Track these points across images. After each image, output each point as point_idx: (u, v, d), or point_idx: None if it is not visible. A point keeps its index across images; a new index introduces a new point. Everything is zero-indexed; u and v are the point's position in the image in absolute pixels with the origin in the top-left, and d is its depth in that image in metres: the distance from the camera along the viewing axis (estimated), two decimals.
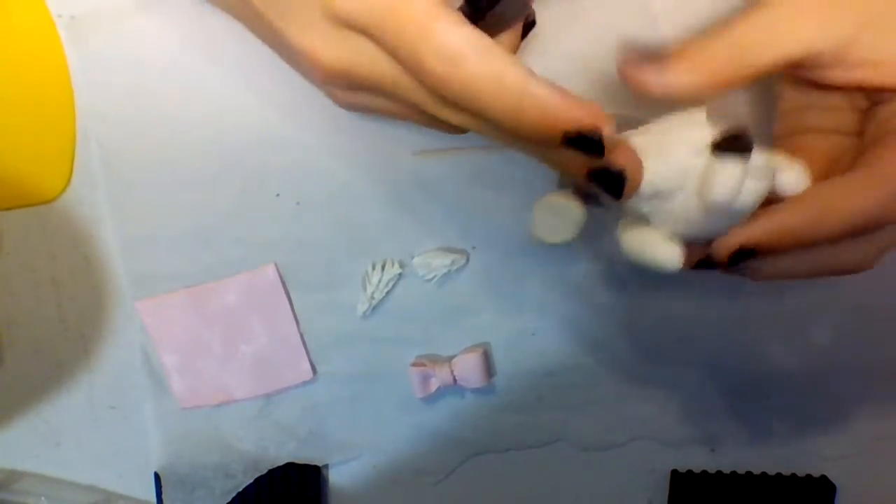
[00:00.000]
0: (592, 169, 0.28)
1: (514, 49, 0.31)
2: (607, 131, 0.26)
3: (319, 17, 0.28)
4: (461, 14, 0.27)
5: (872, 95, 0.31)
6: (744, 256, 0.29)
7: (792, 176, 0.30)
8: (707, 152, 0.28)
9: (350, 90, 0.31)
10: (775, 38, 0.29)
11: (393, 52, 0.27)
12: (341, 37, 0.28)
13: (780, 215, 0.29)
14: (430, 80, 0.26)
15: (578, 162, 0.28)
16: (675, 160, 0.28)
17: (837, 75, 0.30)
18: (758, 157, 0.28)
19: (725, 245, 0.30)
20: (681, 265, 0.30)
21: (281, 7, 0.30)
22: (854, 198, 0.28)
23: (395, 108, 0.31)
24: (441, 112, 0.29)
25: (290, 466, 0.45)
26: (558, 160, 0.28)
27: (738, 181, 0.27)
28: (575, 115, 0.26)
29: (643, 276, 0.42)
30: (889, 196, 0.28)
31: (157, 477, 0.46)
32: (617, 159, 0.28)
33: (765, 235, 0.29)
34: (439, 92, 0.27)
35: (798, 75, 0.31)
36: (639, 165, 0.28)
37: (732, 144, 0.27)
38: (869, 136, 0.31)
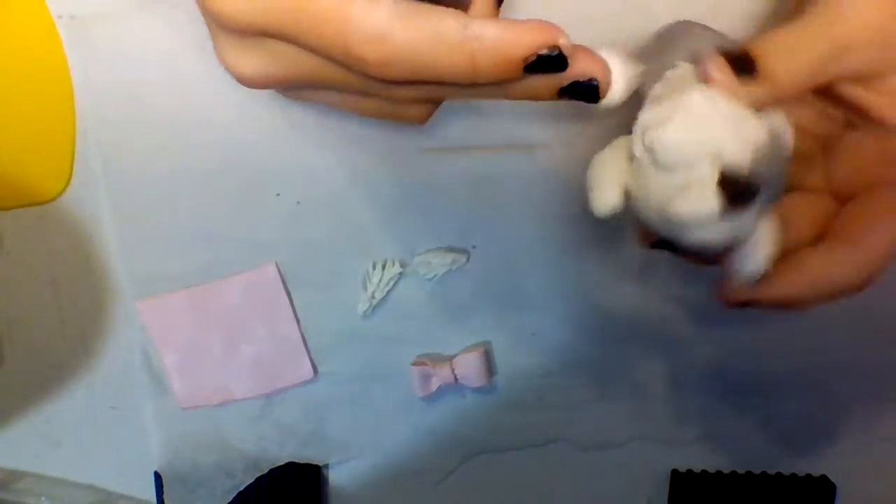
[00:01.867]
0: (563, 88, 0.26)
1: (492, 15, 0.29)
2: (563, 41, 0.25)
3: (225, 36, 0.27)
4: None
5: (852, 115, 0.30)
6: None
7: (756, 254, 0.28)
8: (716, 170, 0.25)
9: (291, 91, 0.29)
10: (820, 44, 0.27)
11: (315, 49, 0.25)
12: (253, 48, 0.27)
13: (779, 287, 0.29)
14: (365, 66, 0.24)
15: (547, 84, 0.26)
16: (693, 145, 0.25)
17: (859, 94, 0.29)
18: (745, 217, 0.26)
19: (733, 297, 0.31)
20: (605, 215, 0.28)
21: (208, 27, 0.28)
22: (848, 275, 0.28)
23: (348, 102, 0.29)
24: (392, 93, 0.27)
25: (291, 466, 0.45)
26: (526, 91, 0.27)
27: (707, 217, 0.25)
28: (528, 41, 0.24)
29: (643, 276, 0.42)
30: (879, 266, 0.28)
31: (157, 476, 0.46)
32: (583, 69, 0.26)
33: (765, 299, 0.30)
34: (380, 75, 0.25)
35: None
36: (604, 66, 0.26)
37: (737, 187, 0.25)
38: (844, 178, 0.31)
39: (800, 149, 0.30)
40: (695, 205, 0.25)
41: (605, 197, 0.28)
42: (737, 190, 0.25)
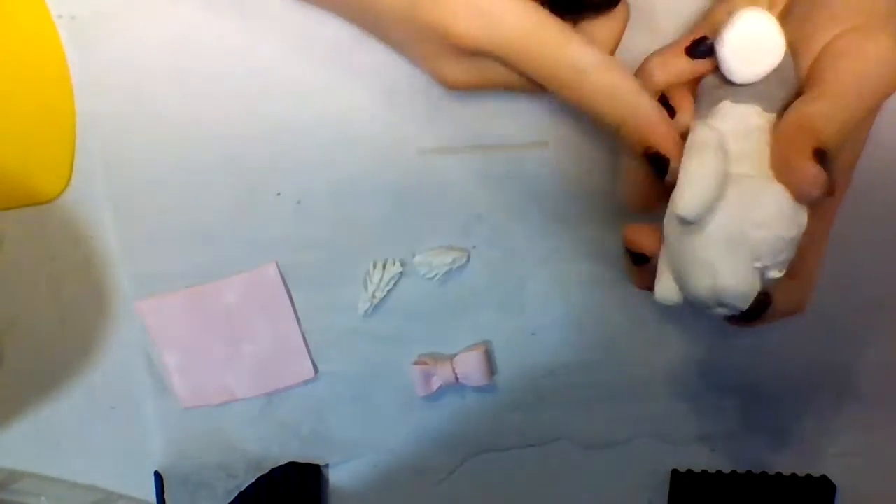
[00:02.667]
0: (648, 154, 0.31)
1: (616, 37, 0.33)
2: (674, 163, 0.30)
3: (441, 48, 0.32)
4: (583, 36, 0.31)
5: None
6: None
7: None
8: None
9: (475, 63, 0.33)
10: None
11: (524, 70, 0.31)
12: (467, 61, 0.32)
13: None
14: (559, 87, 0.31)
15: (634, 149, 0.32)
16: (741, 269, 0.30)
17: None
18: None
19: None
20: (673, 303, 0.33)
21: (400, 40, 0.33)
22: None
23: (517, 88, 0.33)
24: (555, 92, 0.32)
25: (291, 466, 0.45)
26: (626, 144, 0.32)
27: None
28: (660, 140, 0.31)
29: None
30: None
31: (157, 476, 0.46)
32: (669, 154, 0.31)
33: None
34: (564, 96, 0.31)
35: None
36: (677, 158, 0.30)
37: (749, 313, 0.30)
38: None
39: None
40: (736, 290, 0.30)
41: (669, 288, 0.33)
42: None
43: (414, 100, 0.40)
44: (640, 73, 0.33)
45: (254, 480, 0.45)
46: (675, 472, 0.45)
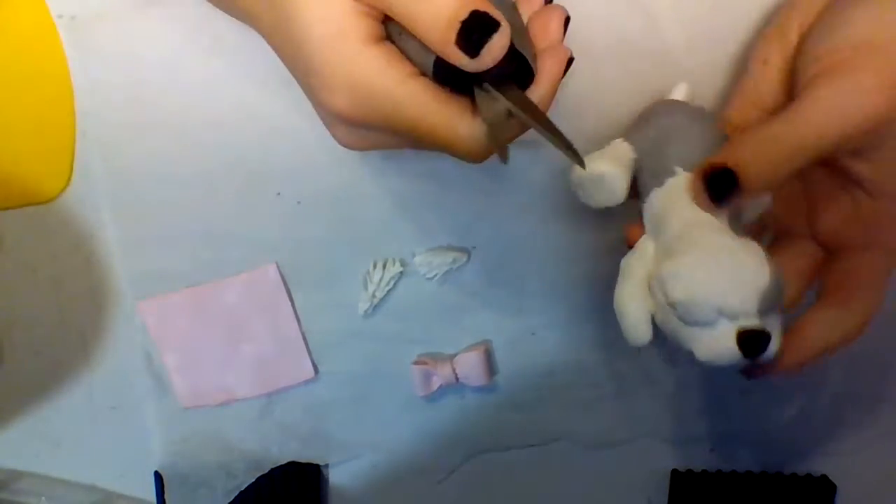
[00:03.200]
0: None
1: (544, 101, 0.31)
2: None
3: (331, 117, 0.31)
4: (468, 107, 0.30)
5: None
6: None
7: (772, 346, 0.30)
8: (734, 327, 0.28)
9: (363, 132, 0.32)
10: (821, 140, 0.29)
11: (414, 145, 0.32)
12: (357, 131, 0.32)
13: (789, 358, 0.32)
14: (464, 159, 0.31)
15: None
16: (710, 308, 0.29)
17: (848, 162, 0.31)
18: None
19: (753, 375, 0.33)
20: (641, 346, 0.32)
21: (302, 73, 0.32)
22: (843, 335, 0.32)
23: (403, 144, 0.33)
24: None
25: (292, 465, 0.45)
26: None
27: (727, 362, 0.29)
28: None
29: None
30: (868, 321, 0.32)
31: (157, 476, 0.46)
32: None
33: (778, 372, 0.32)
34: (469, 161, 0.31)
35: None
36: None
37: (754, 343, 0.28)
38: (831, 231, 0.33)
39: (786, 191, 0.34)
40: (718, 355, 0.29)
41: (638, 334, 0.32)
42: (753, 344, 0.28)
43: None
44: None
45: (254, 480, 0.45)
46: (675, 472, 0.45)
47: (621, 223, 0.35)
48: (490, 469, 0.46)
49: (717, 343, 0.29)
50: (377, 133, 0.31)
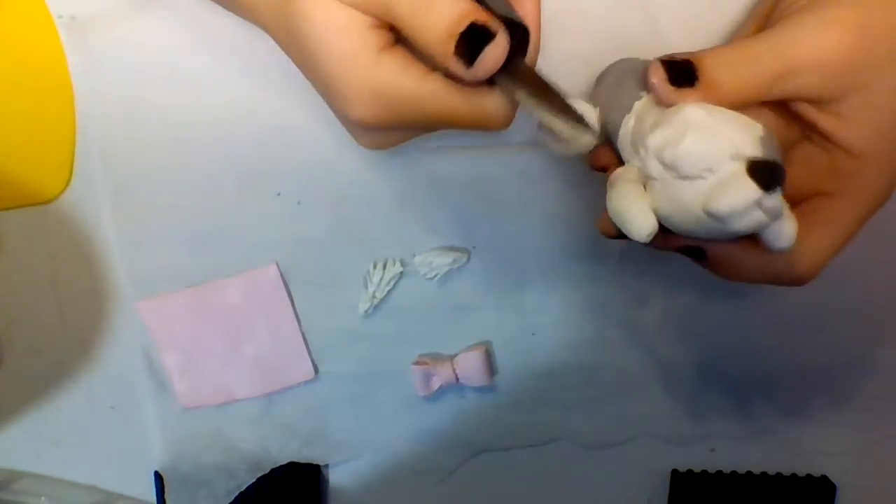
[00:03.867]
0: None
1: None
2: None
3: (350, 123, 0.32)
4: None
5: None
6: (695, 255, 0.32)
7: (786, 229, 0.29)
8: (741, 164, 0.27)
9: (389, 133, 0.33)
10: (775, 63, 0.29)
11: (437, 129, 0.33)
12: (376, 133, 0.33)
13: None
14: (492, 129, 0.32)
15: None
16: (714, 151, 0.28)
17: (811, 113, 0.30)
18: (775, 198, 0.28)
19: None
20: (647, 240, 0.30)
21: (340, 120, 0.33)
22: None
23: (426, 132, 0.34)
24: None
25: (292, 466, 0.45)
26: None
27: (747, 207, 0.27)
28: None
29: (643, 276, 0.42)
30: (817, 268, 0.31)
31: (157, 476, 0.46)
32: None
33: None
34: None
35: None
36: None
37: (766, 174, 0.27)
38: (795, 184, 0.32)
39: None
40: (735, 197, 0.27)
41: (643, 223, 0.30)
42: (766, 174, 0.27)
43: None
44: None
45: (254, 480, 0.45)
46: (675, 472, 0.45)
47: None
48: (490, 469, 0.46)
49: (729, 185, 0.27)
50: (403, 131, 0.33)
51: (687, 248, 0.32)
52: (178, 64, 0.40)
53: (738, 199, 0.27)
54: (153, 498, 0.46)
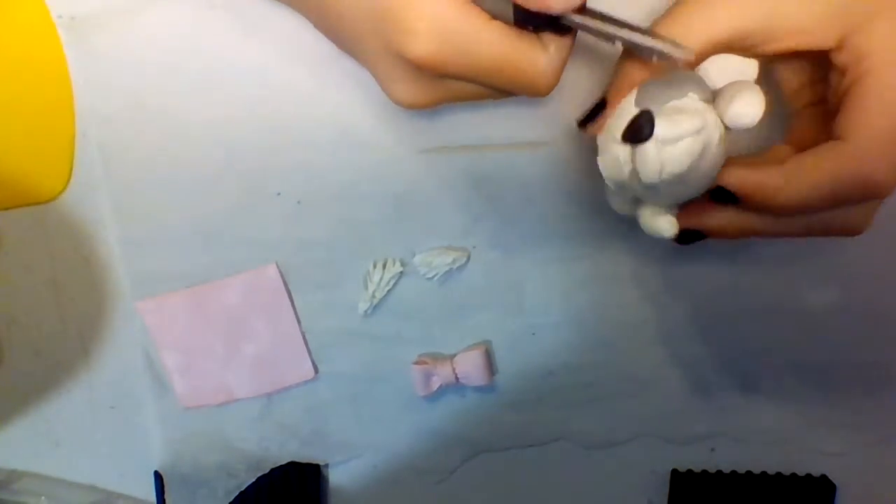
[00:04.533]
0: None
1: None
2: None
3: (401, 69, 0.31)
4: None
5: (823, 60, 0.32)
6: (725, 197, 0.32)
7: (739, 108, 0.31)
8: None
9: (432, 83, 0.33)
10: (703, 26, 0.30)
11: (494, 87, 0.32)
12: (431, 81, 0.32)
13: (757, 171, 0.31)
14: (537, 95, 0.32)
15: None
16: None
17: (773, 48, 0.31)
18: (677, 126, 0.30)
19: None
20: (675, 231, 0.34)
21: (359, 51, 0.33)
22: (821, 167, 0.30)
23: (476, 98, 0.34)
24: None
25: (292, 466, 0.45)
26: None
27: (653, 160, 0.30)
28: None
29: (643, 276, 0.42)
30: (850, 170, 0.29)
31: (157, 476, 0.46)
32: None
33: (739, 182, 0.31)
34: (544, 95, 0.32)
35: (740, 53, 0.32)
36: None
37: (630, 133, 0.31)
38: (832, 104, 0.32)
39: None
40: (637, 162, 0.31)
41: (670, 230, 0.34)
42: (630, 132, 0.31)
43: None
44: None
45: (254, 480, 0.45)
46: (675, 472, 0.45)
47: (621, 224, 0.35)
48: (490, 469, 0.46)
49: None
50: (448, 83, 0.32)
51: (714, 196, 0.32)
52: (179, 64, 0.40)
53: (644, 161, 0.31)
54: (153, 498, 0.46)
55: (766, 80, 0.33)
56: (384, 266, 0.42)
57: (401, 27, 0.29)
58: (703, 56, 0.31)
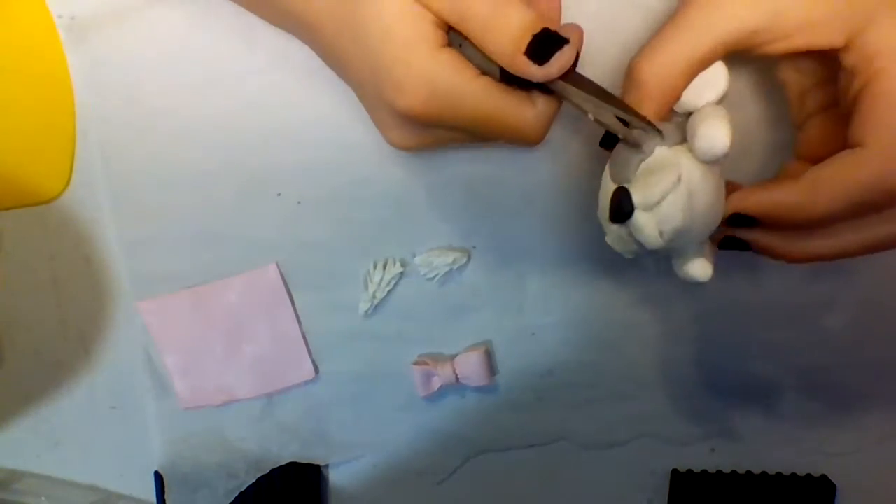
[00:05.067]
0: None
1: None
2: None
3: (393, 117, 0.33)
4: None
5: (831, 61, 0.32)
6: (742, 222, 0.32)
7: (704, 143, 0.30)
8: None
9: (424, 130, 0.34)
10: (710, 26, 0.30)
11: (482, 138, 0.34)
12: (420, 128, 0.34)
13: (773, 190, 0.31)
14: (529, 145, 0.34)
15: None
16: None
17: (780, 46, 0.31)
18: (653, 189, 0.31)
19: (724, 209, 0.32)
20: (709, 276, 0.34)
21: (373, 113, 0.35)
22: (842, 177, 0.29)
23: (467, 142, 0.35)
24: None
25: (291, 466, 0.45)
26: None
27: (648, 228, 0.31)
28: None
29: (643, 276, 0.42)
30: (873, 178, 0.29)
31: (157, 476, 0.46)
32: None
33: (756, 206, 0.31)
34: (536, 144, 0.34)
35: (748, 54, 0.32)
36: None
37: (614, 214, 0.32)
38: (844, 108, 0.31)
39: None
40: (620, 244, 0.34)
41: (707, 275, 0.34)
42: (613, 212, 0.33)
43: None
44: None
45: (254, 480, 0.45)
46: (675, 472, 0.45)
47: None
48: (490, 469, 0.46)
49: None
50: (438, 130, 0.34)
51: (731, 223, 0.32)
52: (179, 64, 0.40)
53: (624, 245, 0.33)
54: (153, 498, 0.46)
55: (770, 89, 0.33)
56: (384, 266, 0.42)
57: (391, 83, 0.31)
58: (714, 57, 0.31)
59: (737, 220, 0.32)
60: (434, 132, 0.34)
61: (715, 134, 0.30)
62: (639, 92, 0.31)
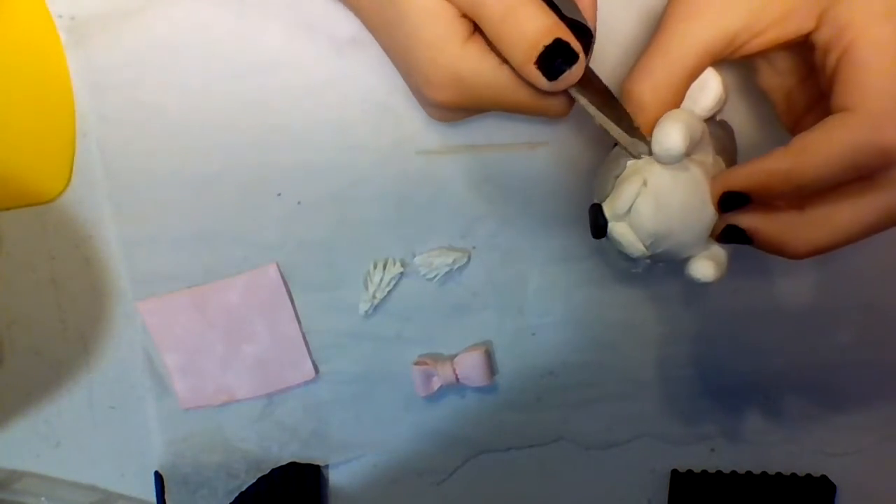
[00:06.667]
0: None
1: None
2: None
3: (426, 100, 0.35)
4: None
5: (807, 51, 0.32)
6: (736, 201, 0.31)
7: (656, 148, 0.31)
8: None
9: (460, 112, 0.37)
10: (692, 37, 0.31)
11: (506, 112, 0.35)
12: (449, 110, 0.36)
13: (762, 160, 0.30)
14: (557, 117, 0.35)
15: None
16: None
17: (756, 44, 0.31)
18: (619, 199, 0.32)
19: (714, 193, 0.32)
20: (714, 277, 0.33)
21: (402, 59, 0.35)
22: (830, 139, 0.29)
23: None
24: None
25: (291, 466, 0.45)
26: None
27: (628, 238, 0.32)
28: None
29: (643, 276, 0.42)
30: (863, 137, 0.28)
31: (157, 476, 0.46)
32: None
33: (746, 178, 0.31)
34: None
35: (729, 59, 0.32)
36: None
37: (594, 231, 0.33)
38: (825, 87, 0.31)
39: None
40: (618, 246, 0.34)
41: (717, 275, 0.33)
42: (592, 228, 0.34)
43: (414, 100, 0.40)
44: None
45: (254, 481, 0.45)
46: (675, 472, 0.45)
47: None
48: (490, 469, 0.46)
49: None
50: (473, 110, 0.37)
51: (724, 206, 0.32)
52: (178, 64, 0.40)
53: (625, 259, 0.34)
54: (153, 498, 0.46)
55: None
56: (384, 266, 0.42)
57: (423, 78, 0.33)
58: (703, 67, 0.32)
59: (729, 200, 0.31)
60: (468, 111, 0.37)
61: (664, 137, 0.30)
62: (643, 115, 0.32)
